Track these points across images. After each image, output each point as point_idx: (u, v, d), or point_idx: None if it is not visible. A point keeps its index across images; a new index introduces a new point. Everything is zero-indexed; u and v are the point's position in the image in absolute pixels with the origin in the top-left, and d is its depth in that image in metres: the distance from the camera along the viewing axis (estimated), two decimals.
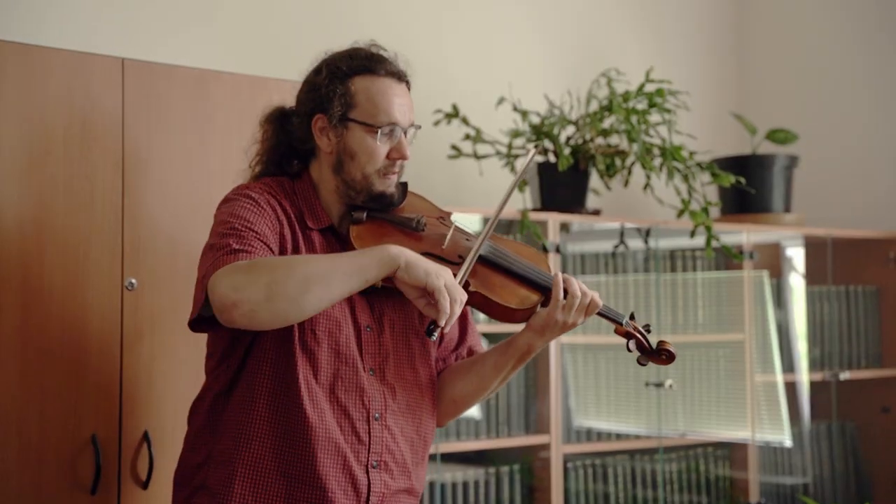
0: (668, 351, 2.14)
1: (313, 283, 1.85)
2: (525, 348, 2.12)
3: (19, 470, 2.29)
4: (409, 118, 2.10)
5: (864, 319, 4.36)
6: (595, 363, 3.87)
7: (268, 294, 1.83)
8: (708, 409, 4.00)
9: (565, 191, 3.71)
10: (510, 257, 2.12)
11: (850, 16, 4.62)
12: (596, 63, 4.21)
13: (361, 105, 2.06)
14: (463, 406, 2.22)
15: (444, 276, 1.91)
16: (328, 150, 2.08)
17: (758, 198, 4.14)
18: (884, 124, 4.47)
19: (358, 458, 2.01)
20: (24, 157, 2.33)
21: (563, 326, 2.09)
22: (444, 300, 1.88)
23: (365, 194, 2.07)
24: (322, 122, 2.08)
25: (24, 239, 2.32)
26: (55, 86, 2.39)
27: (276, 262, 1.89)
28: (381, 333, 2.08)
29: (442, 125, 3.72)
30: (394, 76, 2.11)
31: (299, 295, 1.85)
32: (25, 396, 2.30)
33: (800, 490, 4.17)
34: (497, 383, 2.18)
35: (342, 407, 2.01)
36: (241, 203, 2.02)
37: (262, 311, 1.84)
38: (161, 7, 3.29)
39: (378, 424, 2.04)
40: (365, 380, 2.03)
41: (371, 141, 2.05)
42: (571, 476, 3.67)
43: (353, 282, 1.89)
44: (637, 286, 3.88)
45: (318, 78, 2.09)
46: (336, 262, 1.90)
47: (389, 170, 2.08)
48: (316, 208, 2.10)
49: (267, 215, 2.01)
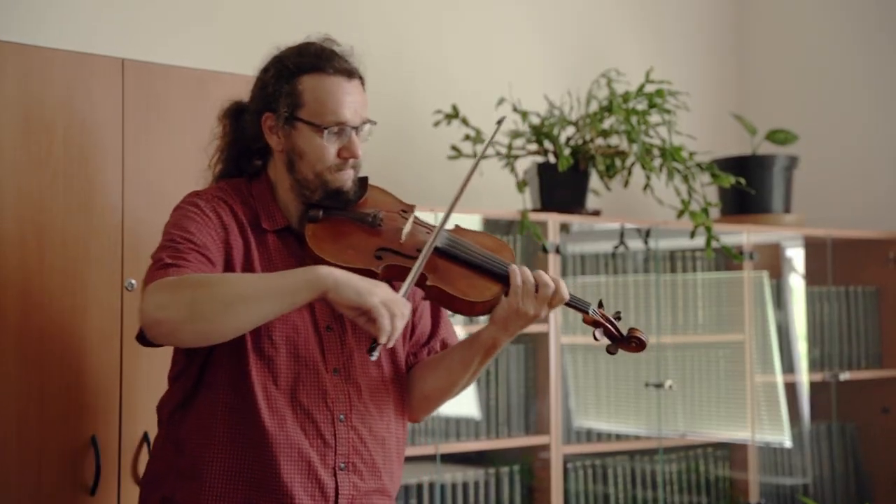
0: (639, 338, 2.10)
1: (236, 304, 1.82)
2: (490, 342, 2.07)
3: (19, 470, 2.29)
4: (360, 116, 2.06)
5: (864, 320, 4.36)
6: (595, 364, 3.87)
7: (189, 314, 1.81)
8: (708, 409, 4.00)
9: (565, 191, 3.71)
10: (469, 248, 2.06)
11: (850, 16, 4.62)
12: (596, 63, 4.21)
13: (309, 104, 2.02)
14: (435, 402, 2.19)
15: (379, 292, 1.84)
16: (279, 148, 2.06)
17: (758, 198, 4.14)
18: (884, 125, 4.47)
19: (324, 461, 1.98)
20: (24, 157, 2.33)
21: (527, 318, 2.02)
22: (383, 317, 1.82)
23: (320, 192, 2.04)
24: (271, 121, 2.05)
25: (24, 239, 2.32)
26: (55, 86, 2.39)
27: (200, 281, 1.85)
28: (343, 332, 2.04)
29: (442, 126, 3.72)
30: (343, 73, 2.06)
31: (220, 316, 1.82)
32: (25, 397, 2.30)
33: (800, 491, 4.17)
34: (467, 378, 2.14)
35: (305, 411, 1.98)
36: (186, 211, 1.99)
37: (183, 330, 1.83)
38: (161, 7, 3.29)
39: (343, 426, 2.01)
40: (328, 381, 2.01)
41: (319, 141, 2.02)
42: (571, 477, 3.67)
43: (279, 305, 1.84)
44: (637, 287, 3.88)
45: (267, 76, 2.06)
46: (262, 283, 1.86)
47: (342, 167, 2.04)
48: (271, 209, 2.06)
49: (210, 224, 1.97)
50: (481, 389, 3.52)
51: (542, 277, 2.03)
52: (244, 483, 1.95)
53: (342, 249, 2.00)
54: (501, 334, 2.06)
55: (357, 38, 3.80)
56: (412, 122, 3.78)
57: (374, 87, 3.76)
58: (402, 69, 3.84)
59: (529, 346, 3.60)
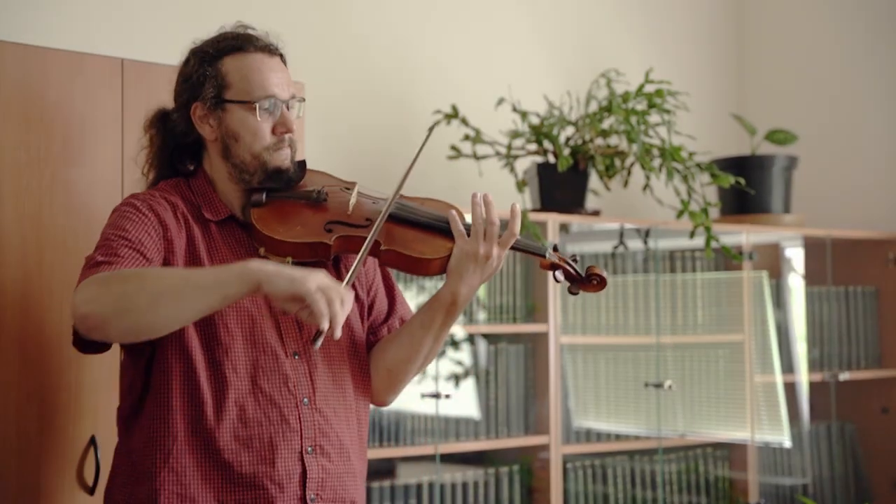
0: (599, 275, 2.07)
1: (165, 297, 1.79)
2: (449, 298, 2.03)
3: (19, 470, 2.29)
4: (287, 91, 2.04)
5: (864, 320, 4.36)
6: (594, 364, 3.87)
7: (117, 307, 1.79)
8: (707, 409, 4.00)
9: (565, 191, 3.71)
10: (418, 209, 2.07)
11: (849, 16, 4.62)
12: (595, 64, 4.21)
13: (235, 84, 2.02)
14: (399, 376, 2.14)
15: (315, 278, 1.78)
16: (212, 137, 2.04)
17: (757, 198, 4.14)
18: (884, 125, 4.47)
19: (290, 445, 1.96)
20: (24, 157, 2.33)
21: (478, 262, 1.99)
22: (319, 303, 1.75)
23: (260, 173, 2.03)
24: (200, 110, 2.03)
25: (24, 239, 2.32)
26: (54, 86, 2.39)
27: (129, 275, 1.83)
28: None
29: (441, 126, 3.72)
30: (264, 50, 2.06)
31: (149, 309, 1.79)
32: (25, 396, 2.30)
33: (799, 490, 4.17)
34: (429, 344, 2.10)
35: (267, 396, 1.96)
36: (121, 212, 1.98)
37: (112, 324, 1.80)
38: (160, 7, 3.29)
39: (308, 409, 1.99)
40: (288, 366, 1.99)
41: (252, 119, 2.00)
42: (571, 477, 3.67)
43: (210, 298, 1.80)
44: (636, 287, 3.88)
45: (188, 68, 2.06)
46: (193, 277, 1.83)
47: (279, 145, 2.03)
48: (213, 200, 2.06)
49: (146, 221, 1.96)
50: (481, 389, 3.53)
51: (489, 214, 2.01)
52: (203, 482, 1.93)
53: (291, 227, 2.00)
54: (460, 286, 2.01)
55: (357, 38, 3.82)
56: (412, 122, 3.78)
57: (374, 86, 3.79)
58: (402, 69, 3.84)
59: (529, 347, 3.60)
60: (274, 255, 2.01)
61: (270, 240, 1.99)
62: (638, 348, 3.89)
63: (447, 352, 3.51)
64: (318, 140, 3.37)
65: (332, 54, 3.66)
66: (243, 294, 1.81)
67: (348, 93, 3.69)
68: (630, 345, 3.90)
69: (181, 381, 1.95)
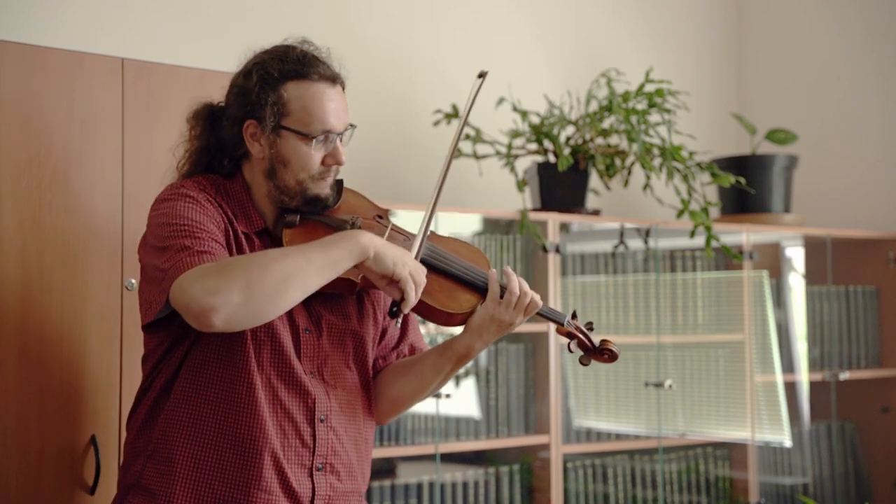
0: (611, 350, 2.14)
1: (291, 279, 1.83)
2: (464, 351, 2.08)
3: (19, 470, 2.29)
4: (344, 122, 2.04)
5: (864, 320, 4.36)
6: (595, 363, 3.86)
7: (247, 295, 1.80)
8: (707, 409, 4.00)
9: (565, 191, 3.71)
10: (448, 258, 2.07)
11: (849, 16, 4.62)
12: (595, 63, 4.21)
13: (295, 113, 2.00)
14: (403, 406, 2.18)
15: (410, 263, 1.92)
16: (260, 156, 2.03)
17: (757, 198, 4.14)
18: (884, 125, 4.47)
19: (301, 461, 1.98)
20: (24, 157, 2.33)
21: (501, 326, 2.05)
22: (410, 288, 1.91)
23: (299, 199, 2.03)
24: (253, 129, 2.01)
25: (24, 239, 2.32)
26: (55, 85, 2.39)
27: (248, 261, 1.85)
28: (319, 336, 2.04)
29: (442, 125, 3.72)
30: (327, 80, 2.03)
31: (277, 293, 1.82)
32: (25, 396, 2.30)
33: (799, 490, 4.17)
34: (437, 384, 2.14)
35: (286, 410, 1.97)
36: (183, 203, 1.95)
37: (241, 312, 1.80)
38: (161, 7, 3.29)
39: (324, 426, 2.01)
40: (308, 382, 2.00)
41: (305, 149, 2.00)
42: (571, 476, 3.67)
43: (328, 273, 1.87)
44: (637, 286, 3.88)
45: (249, 83, 2.02)
46: (309, 255, 1.86)
47: (324, 175, 2.03)
48: (249, 211, 2.05)
49: (211, 214, 1.96)
50: (481, 389, 3.53)
51: (523, 286, 2.06)
52: (219, 475, 1.94)
53: None
54: (476, 342, 2.07)
55: (357, 38, 3.82)
56: (412, 122, 3.78)
57: (374, 86, 3.79)
58: (402, 69, 3.84)
59: (529, 346, 3.60)
60: None
61: None
62: (638, 348, 3.89)
63: None
64: None
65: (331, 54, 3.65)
66: (352, 266, 1.90)
67: (348, 92, 3.68)
68: (630, 344, 3.90)
69: (214, 375, 1.96)
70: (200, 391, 1.96)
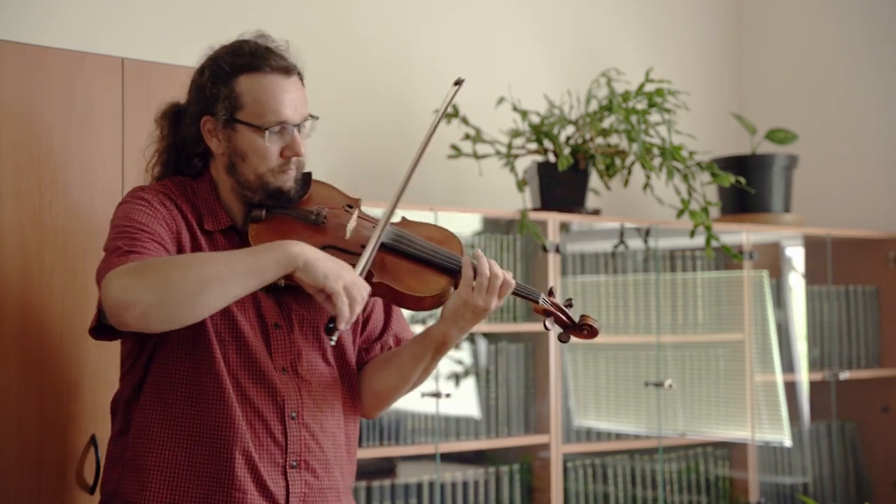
0: (590, 326, 2.06)
1: (209, 283, 1.79)
2: (440, 339, 2.04)
3: (19, 469, 2.29)
4: (301, 113, 2.02)
5: (864, 319, 4.36)
6: (595, 363, 3.87)
7: (161, 295, 1.78)
8: (707, 408, 4.00)
9: (565, 190, 3.71)
10: (415, 242, 2.04)
11: (849, 15, 4.62)
12: (595, 63, 4.21)
13: (248, 106, 1.99)
14: (386, 399, 2.15)
15: (345, 276, 1.84)
16: (219, 151, 2.03)
17: (757, 198, 4.14)
18: (884, 124, 4.47)
19: (273, 459, 1.96)
20: (24, 157, 2.33)
21: (476, 311, 1.99)
22: (342, 303, 1.82)
23: (261, 193, 2.01)
24: (210, 124, 2.01)
25: (24, 238, 2.32)
26: (55, 85, 2.39)
27: (169, 262, 1.83)
28: (290, 331, 2.02)
29: (441, 125, 3.71)
30: (281, 71, 2.01)
31: (193, 296, 1.79)
32: (25, 396, 2.30)
33: (799, 490, 4.17)
34: (418, 376, 2.10)
35: (255, 409, 1.96)
36: (134, 205, 1.96)
37: (154, 312, 1.78)
38: (161, 7, 3.29)
39: (295, 423, 1.99)
40: (277, 379, 1.98)
41: (261, 142, 1.98)
42: (571, 476, 3.67)
43: (251, 282, 1.83)
44: (637, 286, 3.88)
45: (202, 79, 2.03)
46: (233, 261, 1.83)
47: (285, 167, 2.01)
48: (215, 209, 2.04)
49: (161, 216, 1.96)
50: (481, 389, 3.53)
51: (493, 268, 2.00)
52: (193, 478, 1.93)
53: None
54: (451, 329, 2.03)
55: (357, 38, 3.82)
56: (411, 122, 3.78)
57: (374, 86, 3.79)
58: (402, 68, 3.84)
59: (529, 346, 3.60)
60: None
61: None
62: (638, 347, 3.89)
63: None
64: (318, 140, 3.36)
65: (331, 54, 3.66)
66: (279, 277, 1.84)
67: (348, 92, 3.69)
68: (630, 344, 3.90)
69: (181, 378, 1.95)
70: (169, 395, 1.95)
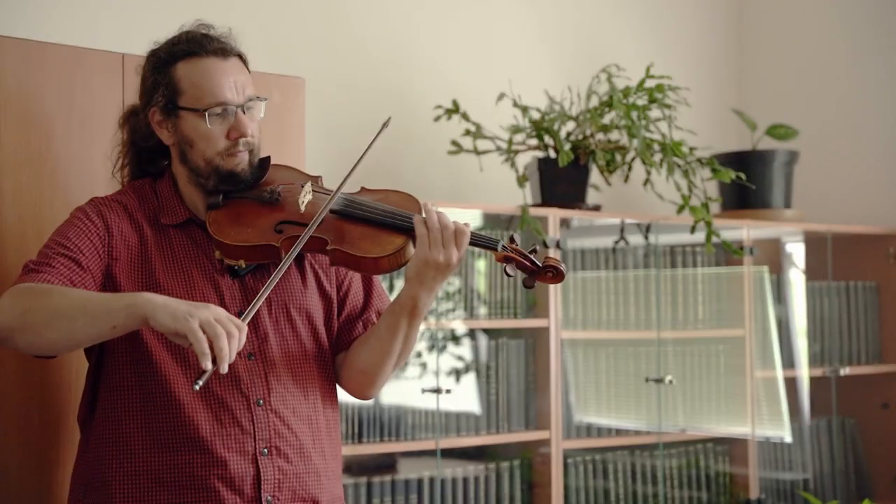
0: (555, 267, 1.98)
1: (60, 319, 1.80)
2: (410, 303, 1.99)
3: (20, 467, 2.29)
4: (242, 94, 2.01)
5: (864, 315, 4.36)
6: (595, 359, 3.87)
7: (21, 322, 1.81)
8: (708, 404, 4.00)
9: (565, 186, 3.71)
10: (367, 205, 2.02)
11: (850, 11, 4.62)
12: (596, 59, 4.20)
13: (187, 91, 1.99)
14: (374, 377, 2.10)
15: (201, 314, 1.74)
16: (170, 141, 2.04)
17: (758, 193, 4.14)
18: (884, 120, 4.47)
19: (242, 448, 1.94)
20: (24, 153, 2.33)
21: (439, 267, 1.95)
22: (199, 343, 1.71)
23: (214, 178, 2.01)
24: (157, 115, 2.03)
25: (24, 235, 2.32)
26: (55, 81, 2.38)
27: (39, 291, 1.84)
28: (257, 316, 2.00)
29: (442, 121, 3.71)
30: (217, 53, 2.02)
31: (45, 328, 1.81)
32: (26, 394, 2.30)
33: (800, 486, 4.17)
34: (399, 346, 2.05)
35: (219, 399, 1.94)
36: (70, 218, 2.00)
37: (14, 338, 1.83)
38: (161, 2, 3.29)
39: (262, 410, 1.97)
40: (241, 367, 1.96)
41: (203, 125, 1.98)
42: (571, 472, 3.67)
43: (101, 327, 1.80)
44: (637, 282, 3.88)
45: (145, 71, 2.05)
46: (89, 302, 1.82)
47: (233, 150, 2.00)
48: (173, 204, 2.05)
49: (91, 228, 1.97)
50: (481, 385, 3.53)
51: (443, 219, 1.97)
52: (156, 485, 1.92)
53: (241, 230, 1.98)
54: (419, 290, 1.98)
55: (357, 37, 3.81)
56: (412, 117, 3.78)
57: (375, 83, 3.78)
58: (402, 64, 3.84)
59: (529, 342, 3.60)
60: (228, 258, 1.99)
61: (221, 244, 1.98)
62: (638, 343, 3.89)
63: (448, 347, 3.51)
64: (318, 136, 3.37)
65: (331, 50, 3.66)
66: (132, 326, 1.80)
67: (348, 88, 3.68)
68: (631, 340, 3.90)
69: (131, 385, 1.94)
70: (118, 403, 1.95)
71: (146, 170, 2.12)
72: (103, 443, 1.95)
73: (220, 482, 1.92)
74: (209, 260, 2.02)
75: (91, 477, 1.97)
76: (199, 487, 1.92)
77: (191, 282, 2.00)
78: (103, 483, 1.94)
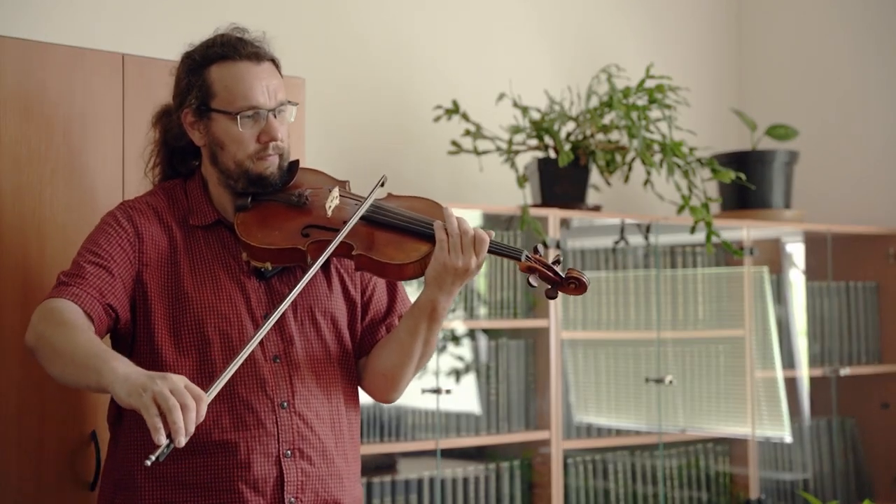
0: (577, 279, 2.00)
1: (59, 357, 1.85)
2: (429, 305, 2.01)
3: (20, 466, 2.29)
4: (274, 98, 2.04)
5: (864, 315, 4.36)
6: (595, 359, 3.87)
7: (35, 347, 1.89)
8: (708, 404, 4.00)
9: (566, 186, 3.71)
10: (393, 212, 2.04)
11: (850, 11, 4.62)
12: (596, 59, 4.20)
13: (220, 94, 2.02)
14: (396, 380, 2.12)
15: (156, 386, 1.67)
16: (201, 143, 2.06)
17: (758, 194, 4.14)
18: (884, 120, 4.47)
19: (266, 449, 1.96)
20: (24, 153, 2.33)
21: (457, 272, 1.96)
22: (151, 418, 1.65)
23: (243, 180, 2.03)
24: (189, 117, 2.05)
25: (24, 234, 2.32)
26: (55, 81, 2.38)
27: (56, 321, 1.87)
28: (282, 318, 2.01)
29: (442, 121, 3.72)
30: (251, 58, 2.04)
31: (48, 363, 1.87)
32: (26, 393, 2.30)
33: (800, 486, 4.17)
34: (420, 349, 2.07)
35: (244, 401, 1.96)
36: (101, 224, 2.04)
37: (37, 357, 1.90)
38: (161, 2, 3.29)
39: (286, 412, 1.98)
40: (267, 370, 1.98)
41: (234, 128, 2.01)
42: (571, 472, 3.67)
43: (82, 380, 1.83)
44: (637, 282, 3.88)
45: (179, 73, 2.08)
46: (83, 349, 1.82)
47: (263, 153, 2.03)
48: (202, 205, 2.08)
49: (122, 235, 2.00)
50: (482, 385, 3.53)
51: (463, 224, 1.99)
52: (182, 487, 1.94)
53: (269, 233, 2.00)
54: (438, 294, 2.00)
55: (357, 37, 3.81)
56: (412, 118, 3.78)
57: (375, 83, 3.78)
58: (402, 65, 3.84)
59: (530, 342, 3.60)
60: (255, 260, 2.01)
61: (249, 246, 2.00)
62: (638, 343, 3.89)
63: (448, 347, 3.51)
64: (318, 136, 3.37)
65: (331, 50, 3.66)
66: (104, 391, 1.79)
67: (348, 89, 3.68)
68: (631, 340, 3.90)
69: None
70: None
71: (177, 169, 2.14)
72: (131, 444, 1.98)
73: (244, 484, 1.94)
74: (236, 262, 2.04)
75: (120, 477, 2.00)
76: (224, 490, 1.93)
77: (217, 284, 2.02)
78: (131, 486, 1.97)
